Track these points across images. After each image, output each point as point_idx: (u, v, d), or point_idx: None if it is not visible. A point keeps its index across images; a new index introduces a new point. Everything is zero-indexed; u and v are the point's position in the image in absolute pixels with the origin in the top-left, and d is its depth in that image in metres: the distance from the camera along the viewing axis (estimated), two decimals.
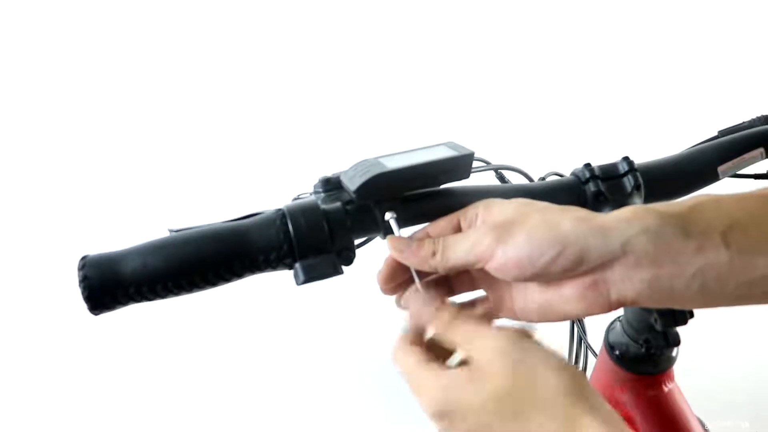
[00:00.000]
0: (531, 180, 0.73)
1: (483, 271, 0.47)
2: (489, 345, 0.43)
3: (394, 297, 0.54)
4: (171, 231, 0.51)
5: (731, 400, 1.52)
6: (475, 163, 0.73)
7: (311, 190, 0.56)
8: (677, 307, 0.46)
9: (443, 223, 0.52)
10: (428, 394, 0.43)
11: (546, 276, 0.45)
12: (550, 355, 0.42)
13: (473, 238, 0.47)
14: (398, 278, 0.52)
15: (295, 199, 0.58)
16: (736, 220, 0.43)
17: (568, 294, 0.46)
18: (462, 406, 0.42)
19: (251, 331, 1.76)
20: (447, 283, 0.54)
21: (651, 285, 0.43)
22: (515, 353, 0.42)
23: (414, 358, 0.45)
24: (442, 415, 0.43)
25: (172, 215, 1.70)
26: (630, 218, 0.44)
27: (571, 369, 0.42)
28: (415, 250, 0.49)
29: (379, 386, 1.64)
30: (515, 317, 0.51)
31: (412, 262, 0.50)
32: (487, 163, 0.74)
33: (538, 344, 0.43)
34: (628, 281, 0.43)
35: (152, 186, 1.87)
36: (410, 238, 0.51)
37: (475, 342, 0.44)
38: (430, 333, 0.47)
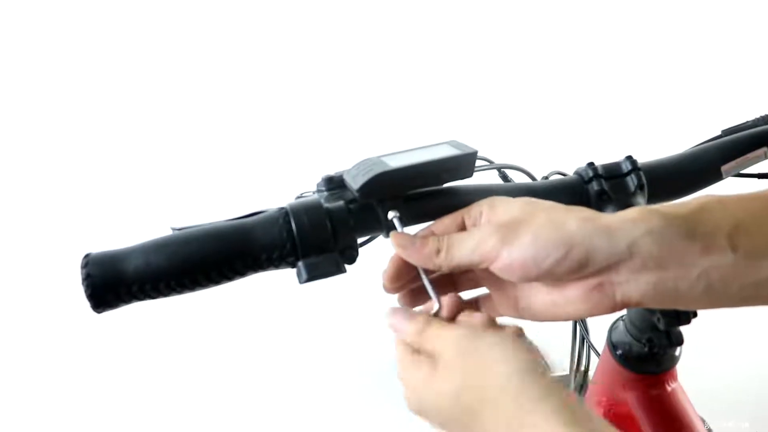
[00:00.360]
0: (534, 179, 0.73)
1: (487, 270, 0.47)
2: (447, 343, 0.45)
3: (397, 296, 0.54)
4: (174, 229, 0.51)
5: (734, 400, 1.52)
6: (478, 162, 0.73)
7: (314, 188, 0.56)
8: (682, 308, 0.46)
9: (447, 221, 0.52)
10: (406, 393, 0.47)
11: (551, 277, 0.45)
12: (500, 344, 0.43)
13: (478, 238, 0.46)
14: (403, 278, 0.52)
15: (298, 197, 0.58)
16: (741, 221, 0.43)
17: (572, 295, 0.45)
18: (428, 404, 0.45)
19: (253, 330, 1.76)
20: (451, 280, 0.54)
21: (656, 287, 0.43)
22: (467, 348, 0.44)
23: (406, 357, 0.48)
24: (419, 412, 0.47)
25: (176, 213, 1.70)
26: (635, 219, 0.43)
27: (521, 356, 0.42)
28: (419, 247, 0.49)
29: (380, 386, 1.64)
30: (519, 316, 0.51)
31: (416, 260, 0.50)
32: (490, 162, 0.74)
33: (494, 335, 0.44)
34: (633, 283, 0.43)
35: (156, 184, 1.87)
36: (414, 235, 0.51)
37: (437, 343, 0.46)
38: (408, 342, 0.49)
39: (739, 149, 0.66)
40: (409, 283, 0.53)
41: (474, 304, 0.54)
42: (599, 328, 0.83)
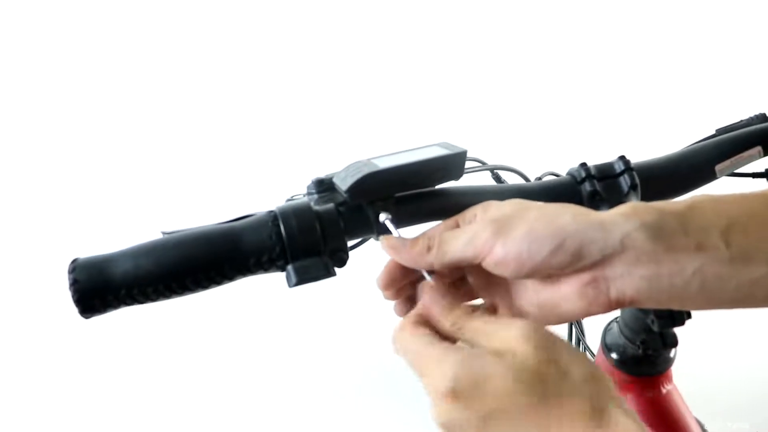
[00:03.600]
0: (527, 180, 0.72)
1: (480, 274, 0.47)
2: (512, 332, 0.40)
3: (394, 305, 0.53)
4: (164, 233, 0.51)
5: (731, 402, 1.51)
6: (471, 164, 0.74)
7: (305, 191, 0.56)
8: (677, 307, 0.45)
9: (441, 226, 0.51)
10: (442, 368, 0.39)
11: (545, 271, 0.44)
12: (571, 345, 0.42)
13: (471, 232, 0.46)
14: (397, 283, 0.51)
15: (289, 200, 0.58)
16: (736, 219, 0.43)
17: (567, 292, 0.45)
18: (483, 381, 0.38)
19: (253, 331, 1.76)
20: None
21: (651, 283, 0.43)
22: (540, 338, 0.40)
23: (424, 336, 0.43)
24: (456, 393, 0.38)
25: (171, 215, 1.70)
26: (629, 214, 0.43)
27: (592, 363, 0.41)
28: (409, 247, 0.49)
29: (380, 385, 1.64)
30: None
31: (407, 259, 0.49)
32: (483, 163, 0.73)
33: (558, 335, 0.42)
34: (627, 278, 0.43)
35: (147, 187, 1.87)
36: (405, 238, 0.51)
37: (497, 333, 0.41)
38: (444, 325, 0.45)
39: (733, 148, 0.66)
40: (404, 289, 0.52)
41: None
42: (593, 331, 0.83)
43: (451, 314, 0.45)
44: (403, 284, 0.52)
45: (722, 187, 0.61)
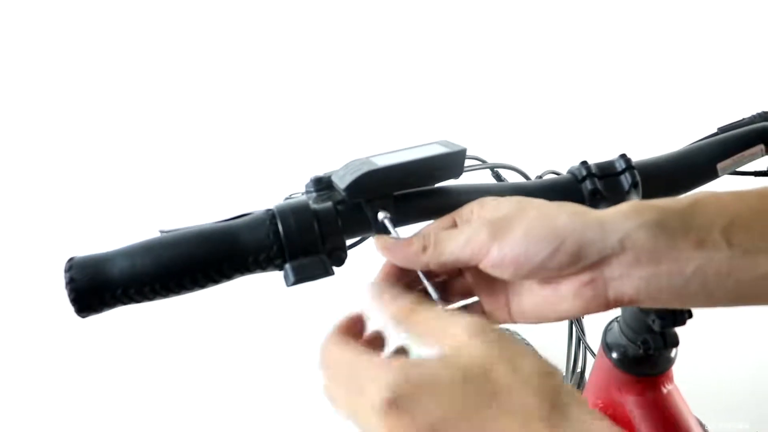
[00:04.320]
0: (528, 178, 0.72)
1: (476, 272, 0.46)
2: (458, 329, 0.38)
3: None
4: (162, 231, 0.51)
5: (733, 401, 1.51)
6: (471, 162, 0.73)
7: (303, 189, 0.55)
8: (677, 306, 0.45)
9: (437, 224, 0.51)
10: (379, 378, 0.36)
11: (543, 272, 0.44)
12: (525, 345, 0.40)
13: (468, 233, 0.45)
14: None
15: (287, 198, 0.57)
16: (738, 216, 0.42)
17: (564, 292, 0.45)
18: (428, 386, 0.35)
19: (253, 332, 1.76)
20: (441, 289, 0.53)
21: (650, 282, 0.42)
22: (490, 334, 0.37)
23: (354, 347, 0.40)
24: (397, 404, 0.35)
25: (167, 214, 1.70)
26: (628, 213, 0.43)
27: (543, 357, 0.38)
28: (404, 246, 0.48)
29: None
30: (512, 321, 0.50)
31: (402, 259, 0.48)
32: (483, 161, 0.73)
33: (511, 333, 0.41)
34: (626, 278, 0.42)
35: (145, 185, 1.87)
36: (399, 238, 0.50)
37: (443, 330, 0.39)
38: (381, 324, 0.43)
39: (735, 147, 0.65)
40: None
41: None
42: (594, 329, 0.83)
43: (397, 302, 0.43)
44: (400, 286, 0.51)
45: (724, 185, 0.60)
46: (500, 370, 0.36)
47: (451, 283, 0.52)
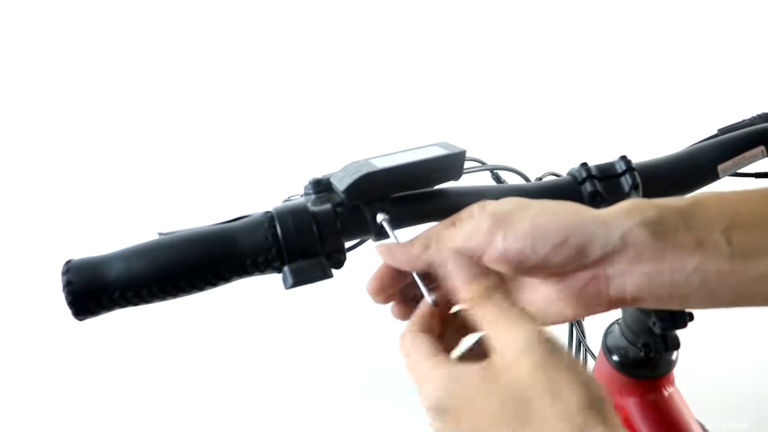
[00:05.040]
0: (528, 180, 0.72)
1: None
2: (513, 337, 0.38)
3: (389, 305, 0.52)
4: (160, 234, 0.51)
5: (731, 402, 1.51)
6: (470, 164, 0.73)
7: (302, 191, 0.55)
8: (678, 306, 0.44)
9: (439, 227, 0.50)
10: (432, 383, 0.39)
11: (547, 267, 0.43)
12: (576, 363, 0.38)
13: (471, 226, 0.45)
14: (388, 289, 0.50)
15: (286, 200, 0.57)
16: (738, 216, 0.42)
17: (566, 292, 0.44)
18: (467, 401, 0.37)
19: (253, 332, 1.75)
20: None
21: (652, 279, 0.42)
22: (540, 354, 0.37)
23: (422, 345, 0.42)
24: (442, 410, 0.38)
25: (166, 216, 1.70)
26: (629, 210, 0.43)
27: (594, 383, 0.38)
28: (407, 248, 0.48)
29: (378, 386, 1.64)
30: None
31: (404, 261, 0.48)
32: (483, 163, 0.73)
33: (563, 347, 0.39)
34: (628, 275, 0.42)
35: (144, 187, 1.86)
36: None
37: (499, 329, 0.39)
38: (456, 307, 0.44)
39: (736, 148, 0.65)
40: (394, 296, 0.51)
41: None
42: (594, 332, 0.82)
43: (474, 286, 0.43)
44: (394, 290, 0.50)
45: (725, 187, 0.60)
46: (540, 401, 0.36)
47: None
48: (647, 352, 0.73)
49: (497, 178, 0.73)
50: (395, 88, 1.96)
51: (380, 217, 0.51)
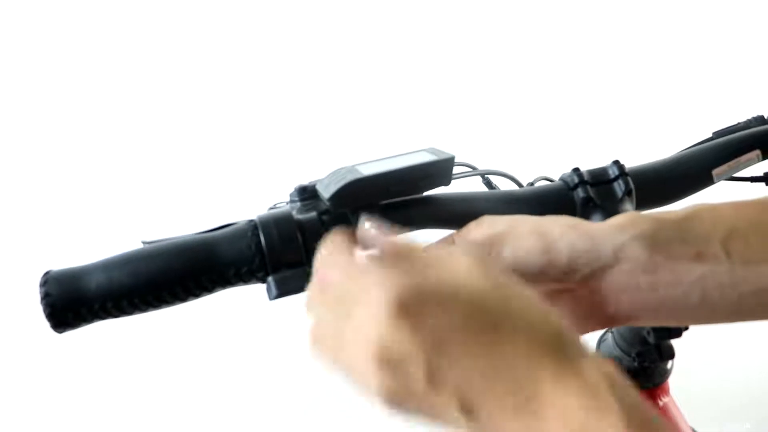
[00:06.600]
0: (520, 185, 0.71)
1: None
2: (464, 258, 0.35)
3: None
4: (144, 243, 0.50)
5: (730, 403, 1.50)
6: (461, 169, 0.72)
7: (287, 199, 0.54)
8: (677, 323, 0.44)
9: (437, 246, 0.49)
10: (386, 279, 0.32)
11: (537, 288, 0.42)
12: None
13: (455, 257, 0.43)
14: None
15: (271, 208, 0.56)
16: (736, 227, 0.41)
17: (561, 310, 0.43)
18: (453, 283, 0.32)
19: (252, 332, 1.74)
20: None
21: (648, 295, 0.41)
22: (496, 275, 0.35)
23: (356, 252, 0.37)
24: (412, 305, 0.31)
25: (153, 224, 1.68)
26: (623, 224, 0.42)
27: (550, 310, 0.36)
28: None
29: None
30: None
31: None
32: (473, 168, 0.72)
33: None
34: (623, 293, 0.41)
35: (132, 192, 1.85)
36: None
37: (446, 262, 0.35)
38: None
39: (731, 152, 0.65)
40: None
41: None
42: (587, 341, 0.81)
43: (392, 245, 0.36)
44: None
45: (720, 191, 0.59)
46: (511, 296, 0.34)
47: None
48: (641, 362, 0.73)
49: (488, 183, 0.72)
50: (384, 91, 1.96)
51: (366, 225, 0.50)
